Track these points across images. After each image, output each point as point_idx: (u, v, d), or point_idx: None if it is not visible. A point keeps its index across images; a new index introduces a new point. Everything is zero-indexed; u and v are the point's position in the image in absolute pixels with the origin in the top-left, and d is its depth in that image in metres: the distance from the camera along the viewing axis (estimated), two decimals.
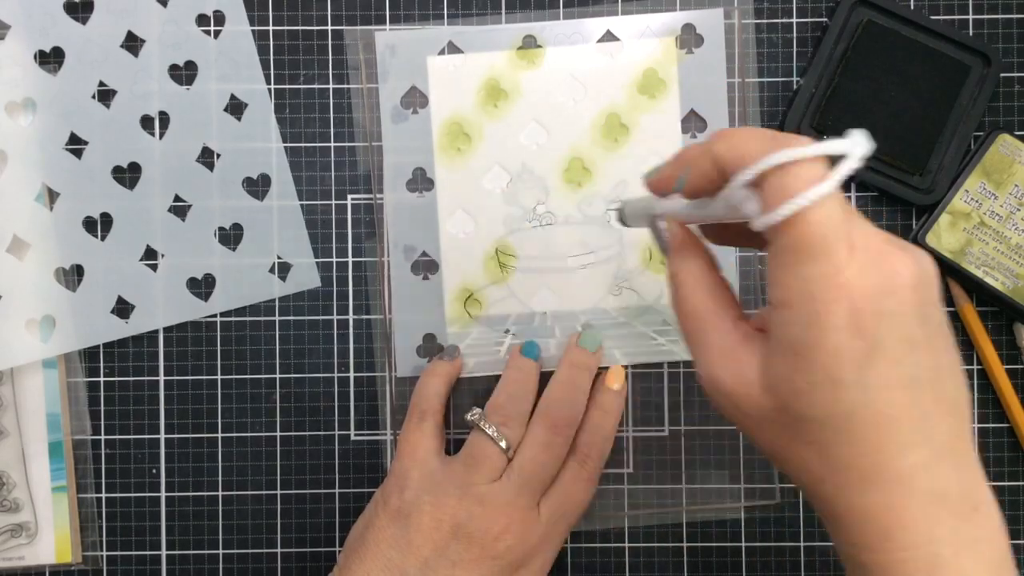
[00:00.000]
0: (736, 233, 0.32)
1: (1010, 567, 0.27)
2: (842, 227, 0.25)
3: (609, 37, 0.42)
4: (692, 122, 0.43)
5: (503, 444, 0.38)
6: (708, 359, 0.28)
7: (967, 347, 0.43)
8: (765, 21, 0.43)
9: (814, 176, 0.25)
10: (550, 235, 0.43)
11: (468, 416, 0.39)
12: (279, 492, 0.43)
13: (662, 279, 0.43)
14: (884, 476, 0.26)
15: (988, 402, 0.43)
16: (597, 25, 0.42)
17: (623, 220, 0.36)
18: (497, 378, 0.42)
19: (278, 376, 0.43)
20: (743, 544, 0.43)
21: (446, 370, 0.42)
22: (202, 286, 0.43)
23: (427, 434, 0.39)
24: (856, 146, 0.25)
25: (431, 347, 0.43)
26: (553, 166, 0.43)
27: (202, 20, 0.42)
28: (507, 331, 0.43)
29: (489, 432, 0.38)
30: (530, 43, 0.43)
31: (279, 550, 0.43)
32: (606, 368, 0.42)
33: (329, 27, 0.43)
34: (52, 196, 0.42)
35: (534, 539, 0.37)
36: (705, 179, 0.28)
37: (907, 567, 0.26)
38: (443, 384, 0.41)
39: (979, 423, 0.43)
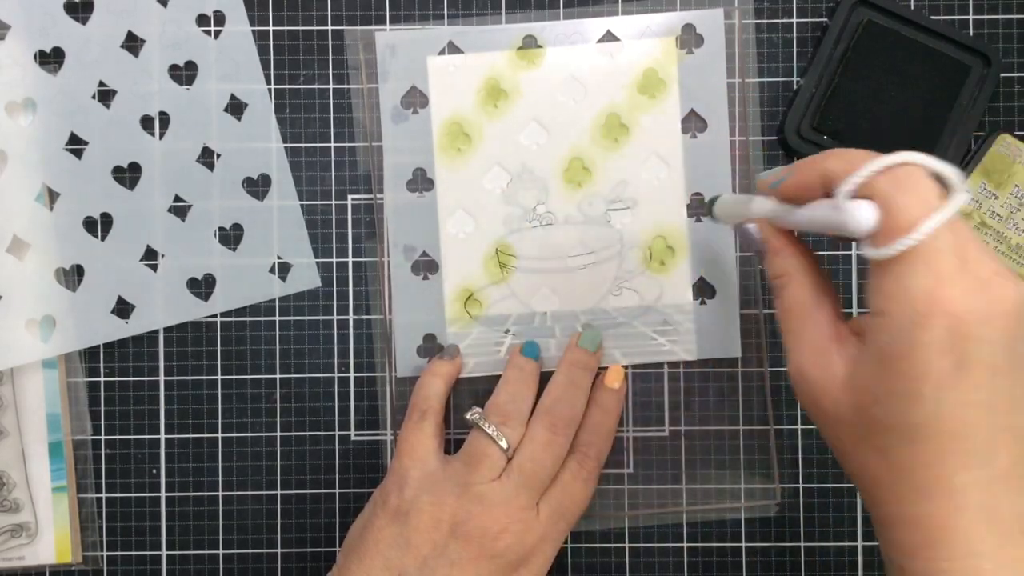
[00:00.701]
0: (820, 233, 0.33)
1: None
2: (954, 243, 0.26)
3: (609, 37, 0.42)
4: (692, 122, 0.43)
5: (503, 443, 0.38)
6: (800, 352, 0.30)
7: None
8: (765, 21, 0.43)
9: (931, 199, 0.26)
10: (550, 235, 0.43)
11: (468, 415, 0.39)
12: (279, 492, 0.43)
13: (662, 279, 0.43)
14: (938, 489, 0.27)
15: None
16: (597, 25, 0.42)
17: (712, 215, 0.38)
18: (497, 378, 0.42)
19: (278, 376, 0.43)
20: (743, 544, 0.43)
21: (446, 370, 0.41)
22: (202, 286, 0.43)
23: (426, 433, 0.39)
24: (961, 180, 0.26)
25: (431, 347, 0.43)
26: (553, 166, 0.43)
27: (202, 20, 0.42)
28: (507, 331, 0.43)
29: (489, 431, 0.38)
30: (530, 43, 0.43)
31: (279, 550, 0.43)
32: (605, 368, 0.42)
33: (329, 27, 0.43)
34: (52, 196, 0.42)
35: (533, 538, 0.37)
36: (804, 187, 0.29)
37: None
38: (443, 384, 0.41)
39: None
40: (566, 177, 0.43)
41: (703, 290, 0.43)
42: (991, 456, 0.26)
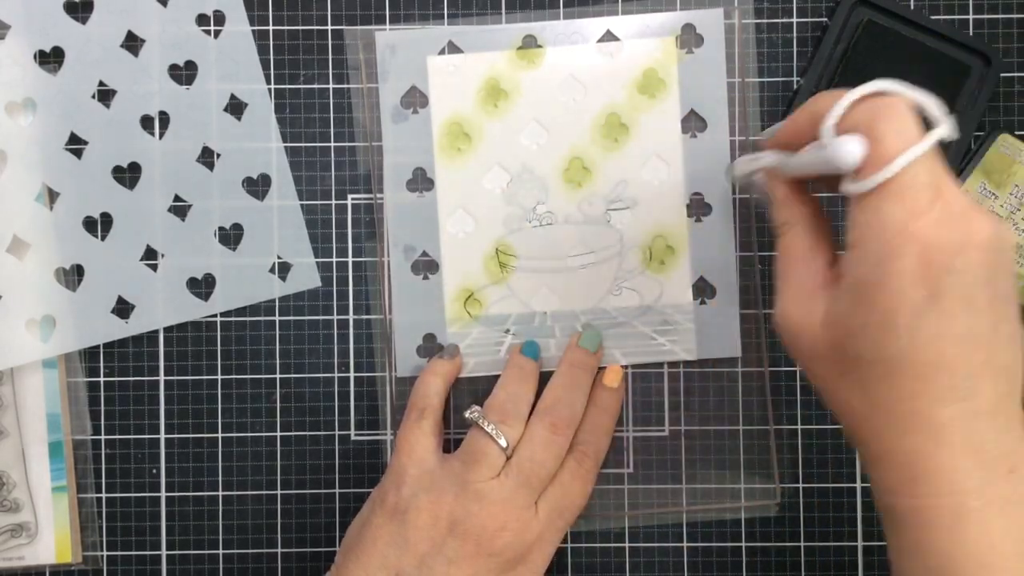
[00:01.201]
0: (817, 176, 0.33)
1: None
2: (929, 178, 0.26)
3: (609, 37, 0.42)
4: (692, 122, 0.43)
5: (502, 442, 0.38)
6: (786, 295, 0.30)
7: None
8: (765, 21, 0.43)
9: (910, 131, 0.26)
10: (550, 235, 0.43)
11: (467, 414, 0.39)
12: (279, 492, 0.43)
13: (662, 279, 0.43)
14: (920, 424, 0.26)
15: None
16: (597, 25, 0.42)
17: (731, 181, 0.41)
18: (497, 378, 0.42)
19: (278, 376, 0.43)
20: (743, 544, 0.43)
21: (446, 369, 0.41)
22: (202, 286, 0.43)
23: (425, 432, 0.39)
24: (943, 113, 0.26)
25: (431, 347, 0.43)
26: (553, 166, 0.43)
27: (202, 20, 0.42)
28: (507, 331, 0.43)
29: (488, 430, 0.38)
30: (530, 43, 0.42)
31: (279, 550, 0.43)
32: (604, 367, 0.42)
33: (329, 27, 0.43)
34: (52, 196, 0.42)
35: (531, 536, 0.37)
36: (797, 132, 0.30)
37: (932, 513, 0.26)
38: (442, 383, 0.41)
39: None
40: (566, 177, 0.43)
41: (703, 290, 0.43)
42: (972, 391, 0.26)
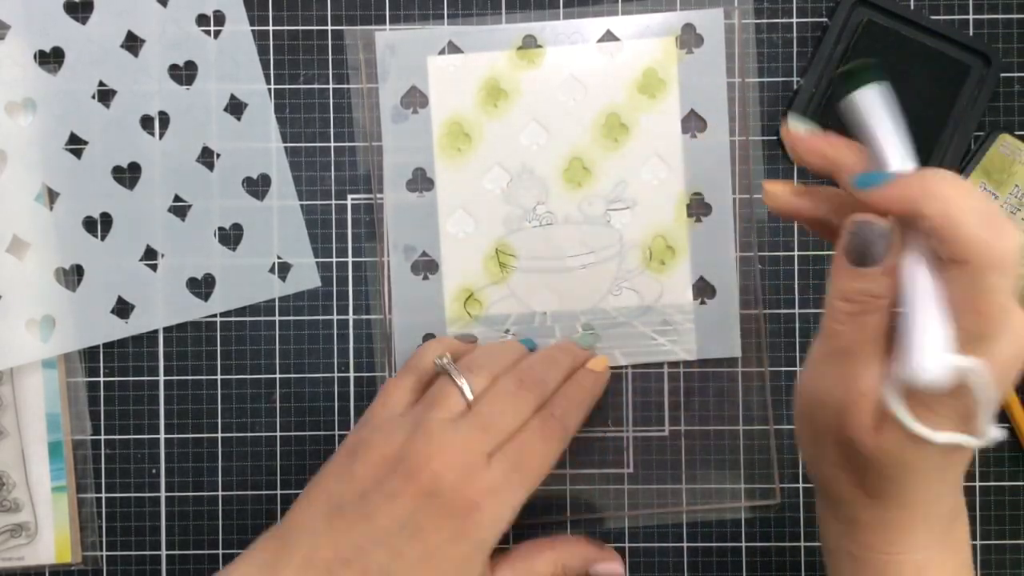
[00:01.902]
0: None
1: (971, 564, 0.33)
2: None
3: (609, 37, 0.42)
4: (692, 122, 0.43)
5: (465, 388, 0.36)
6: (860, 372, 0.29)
7: None
8: (765, 21, 0.43)
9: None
10: (550, 235, 0.43)
11: (437, 360, 0.37)
12: (279, 492, 0.43)
13: (662, 279, 0.43)
14: (912, 500, 0.31)
15: None
16: (597, 25, 0.42)
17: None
18: None
19: (278, 376, 0.43)
20: (743, 544, 0.43)
21: (454, 345, 0.40)
22: (202, 286, 0.43)
23: (403, 387, 0.38)
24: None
25: None
26: (553, 166, 0.43)
27: (202, 20, 0.42)
28: (507, 331, 0.43)
29: (454, 376, 0.36)
30: (530, 43, 0.42)
31: None
32: None
33: (329, 27, 0.43)
34: (52, 196, 0.42)
35: (480, 487, 0.34)
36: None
37: (901, 568, 0.31)
38: (443, 351, 0.39)
39: None
40: (566, 177, 0.43)
41: (703, 290, 0.43)
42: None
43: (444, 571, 0.34)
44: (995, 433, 0.28)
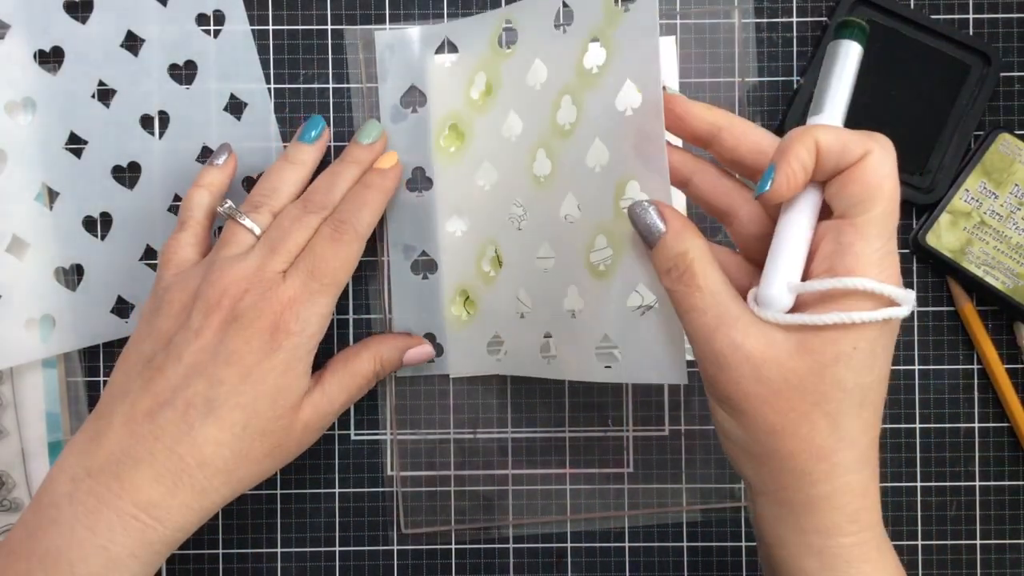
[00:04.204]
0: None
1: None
2: None
3: (565, 8, 0.37)
4: (628, 96, 0.34)
5: (253, 227, 0.37)
6: (734, 328, 0.30)
7: (967, 347, 0.43)
8: (765, 21, 0.43)
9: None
10: (526, 235, 0.40)
11: (219, 208, 0.38)
12: (279, 492, 0.43)
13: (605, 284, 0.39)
14: (871, 459, 0.30)
15: (988, 401, 0.43)
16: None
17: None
18: (495, 378, 0.42)
19: None
20: (743, 544, 0.43)
21: (213, 179, 0.40)
22: None
23: (183, 243, 0.39)
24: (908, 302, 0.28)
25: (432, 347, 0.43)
26: (529, 159, 0.40)
27: (202, 20, 0.42)
28: (497, 335, 0.42)
29: (238, 218, 0.38)
30: (510, 31, 0.41)
31: (279, 550, 0.43)
32: None
33: (329, 27, 0.43)
34: (52, 196, 0.42)
35: (281, 300, 0.36)
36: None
37: (865, 548, 0.30)
38: (208, 195, 0.40)
39: (979, 423, 0.43)
40: (535, 169, 0.39)
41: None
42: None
43: (266, 384, 0.35)
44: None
